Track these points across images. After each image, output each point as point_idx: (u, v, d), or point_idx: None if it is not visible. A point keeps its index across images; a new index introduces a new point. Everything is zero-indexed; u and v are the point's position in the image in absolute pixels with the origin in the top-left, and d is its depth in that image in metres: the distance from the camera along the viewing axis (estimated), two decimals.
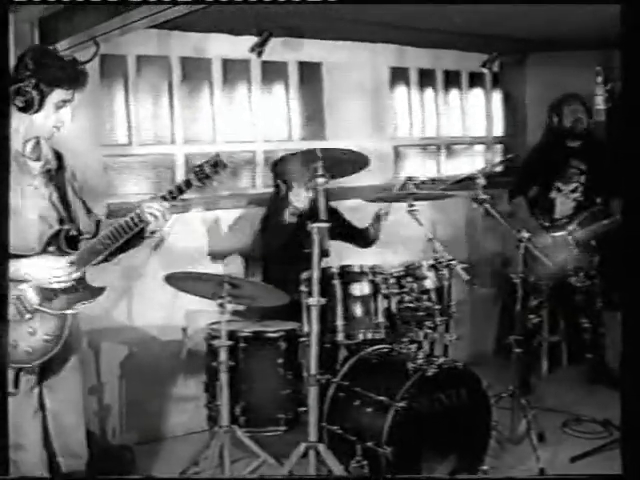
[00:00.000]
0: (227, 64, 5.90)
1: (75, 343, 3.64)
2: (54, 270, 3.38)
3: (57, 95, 3.36)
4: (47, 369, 3.53)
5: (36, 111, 3.35)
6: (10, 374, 3.34)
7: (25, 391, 3.44)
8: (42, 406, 3.56)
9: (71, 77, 3.38)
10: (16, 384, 3.37)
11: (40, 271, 3.36)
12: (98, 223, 3.72)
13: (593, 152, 5.97)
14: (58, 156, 3.60)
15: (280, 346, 4.61)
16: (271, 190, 5.54)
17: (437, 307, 4.53)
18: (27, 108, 3.34)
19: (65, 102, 3.40)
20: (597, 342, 6.08)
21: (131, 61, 5.50)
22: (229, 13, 4.83)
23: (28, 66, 3.33)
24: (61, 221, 3.51)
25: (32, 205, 3.43)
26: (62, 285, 3.40)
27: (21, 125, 3.39)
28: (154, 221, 3.46)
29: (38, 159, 3.49)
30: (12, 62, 4.31)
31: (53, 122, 3.41)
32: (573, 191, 5.98)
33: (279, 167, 5.15)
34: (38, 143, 3.49)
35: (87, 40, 4.38)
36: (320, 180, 4.22)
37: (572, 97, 6.03)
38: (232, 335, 4.49)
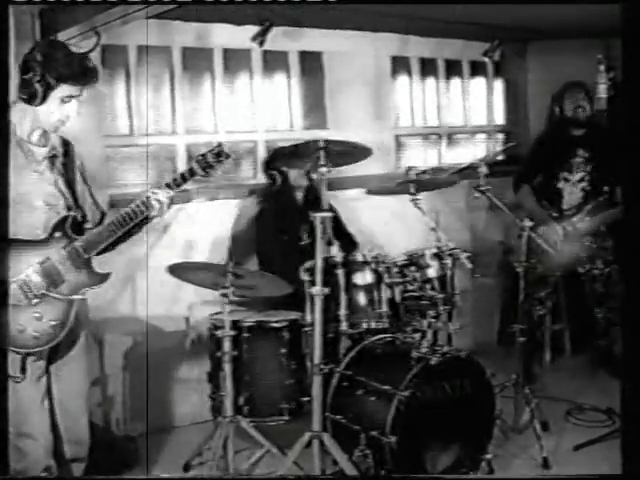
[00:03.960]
0: (228, 54, 5.90)
1: (81, 329, 3.65)
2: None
3: (63, 90, 3.37)
4: (54, 355, 3.54)
5: (39, 103, 3.36)
6: (17, 360, 3.36)
7: (34, 379, 3.45)
8: (49, 392, 3.56)
9: (78, 73, 3.37)
10: (23, 370, 3.37)
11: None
12: (103, 215, 3.73)
13: (597, 140, 5.95)
14: (66, 143, 3.61)
15: (283, 336, 4.60)
16: None
17: (440, 296, 4.52)
18: (30, 100, 3.36)
19: (71, 97, 3.40)
20: (610, 330, 6.05)
21: (132, 51, 5.50)
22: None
23: (36, 58, 3.34)
24: (68, 207, 3.51)
25: (37, 191, 3.44)
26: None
27: (27, 116, 3.41)
28: (158, 208, 3.47)
29: (44, 146, 3.50)
30: (11, 56, 4.34)
31: (58, 116, 3.42)
32: (580, 180, 5.96)
33: (275, 159, 5.19)
34: (45, 132, 3.50)
35: (88, 30, 4.38)
36: (322, 170, 4.20)
37: (574, 85, 6.00)
38: (235, 325, 4.49)
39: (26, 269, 3.35)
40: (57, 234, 3.43)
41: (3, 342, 3.23)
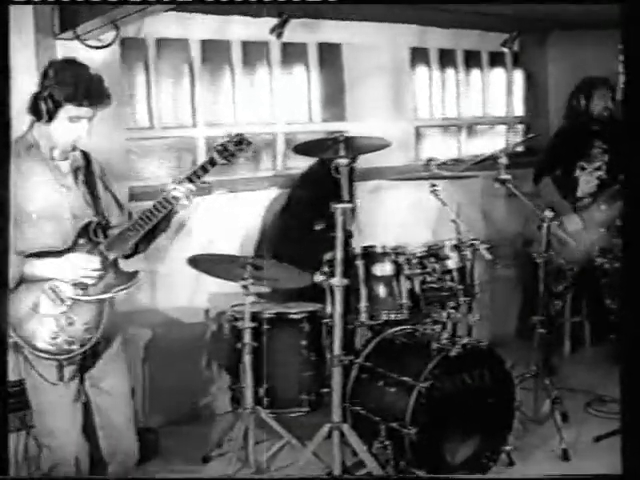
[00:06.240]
0: (247, 46, 5.89)
1: (114, 330, 3.64)
2: (82, 269, 3.39)
3: (68, 110, 3.33)
4: (88, 359, 3.53)
5: (47, 121, 3.35)
6: (52, 366, 3.36)
7: (64, 381, 3.44)
8: (79, 394, 3.54)
9: (83, 94, 3.32)
10: (61, 376, 3.38)
11: (67, 272, 3.37)
12: (130, 215, 3.73)
13: (615, 132, 5.91)
14: (85, 155, 3.60)
15: (303, 327, 4.62)
16: (290, 172, 5.57)
17: (460, 287, 4.52)
18: (37, 117, 3.37)
19: (79, 118, 3.37)
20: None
21: (151, 44, 5.51)
22: None
23: (48, 75, 3.35)
24: (94, 217, 3.53)
25: (65, 204, 3.44)
26: (92, 281, 3.41)
27: (43, 135, 3.40)
28: (180, 202, 3.47)
29: (66, 158, 3.50)
30: (32, 50, 4.37)
31: (69, 135, 3.40)
32: (597, 169, 5.94)
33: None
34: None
35: (107, 23, 4.39)
36: (342, 161, 4.20)
37: (603, 84, 5.98)
38: (255, 317, 4.51)
39: (52, 278, 3.36)
40: (81, 240, 3.42)
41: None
